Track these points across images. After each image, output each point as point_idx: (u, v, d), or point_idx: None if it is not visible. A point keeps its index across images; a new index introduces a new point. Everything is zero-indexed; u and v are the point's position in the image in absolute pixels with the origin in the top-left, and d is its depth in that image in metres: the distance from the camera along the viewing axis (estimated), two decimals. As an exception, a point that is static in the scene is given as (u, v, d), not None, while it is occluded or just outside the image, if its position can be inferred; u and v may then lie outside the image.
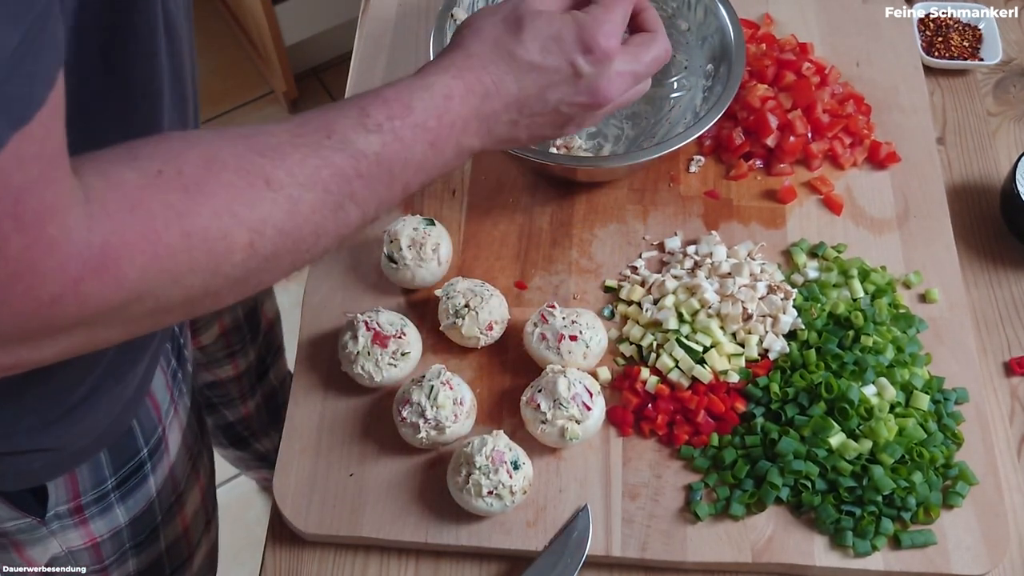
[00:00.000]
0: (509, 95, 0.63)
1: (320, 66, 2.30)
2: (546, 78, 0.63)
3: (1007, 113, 1.07)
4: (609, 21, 0.64)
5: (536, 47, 0.62)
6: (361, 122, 0.55)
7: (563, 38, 0.63)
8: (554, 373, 0.78)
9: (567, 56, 0.63)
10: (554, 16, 0.64)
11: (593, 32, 0.63)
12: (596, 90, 0.65)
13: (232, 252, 0.48)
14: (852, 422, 0.78)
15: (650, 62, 0.68)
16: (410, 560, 0.78)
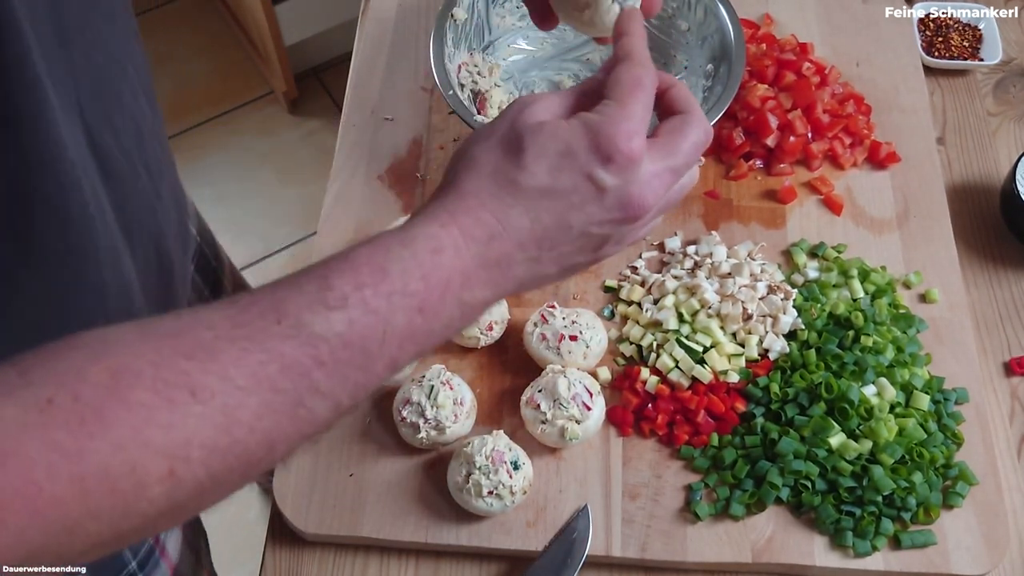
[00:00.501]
0: (521, 232, 0.51)
1: (320, 66, 2.30)
2: (563, 202, 0.51)
3: (1007, 113, 1.07)
4: (627, 118, 0.52)
5: (544, 169, 0.51)
6: (320, 297, 0.45)
7: (575, 151, 0.51)
8: (554, 373, 0.78)
9: (583, 171, 0.51)
10: (559, 126, 0.52)
11: (610, 136, 0.51)
12: (628, 202, 0.52)
13: (145, 487, 0.40)
14: (852, 422, 0.78)
15: (689, 151, 0.55)
16: (410, 560, 0.78)
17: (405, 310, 0.47)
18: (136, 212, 0.59)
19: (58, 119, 0.48)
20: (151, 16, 2.39)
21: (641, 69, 0.54)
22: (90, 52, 0.53)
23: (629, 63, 0.54)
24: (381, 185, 0.96)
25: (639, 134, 0.52)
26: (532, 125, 0.52)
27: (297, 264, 1.72)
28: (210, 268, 0.97)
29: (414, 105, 1.02)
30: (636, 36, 0.56)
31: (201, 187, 2.13)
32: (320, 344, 0.44)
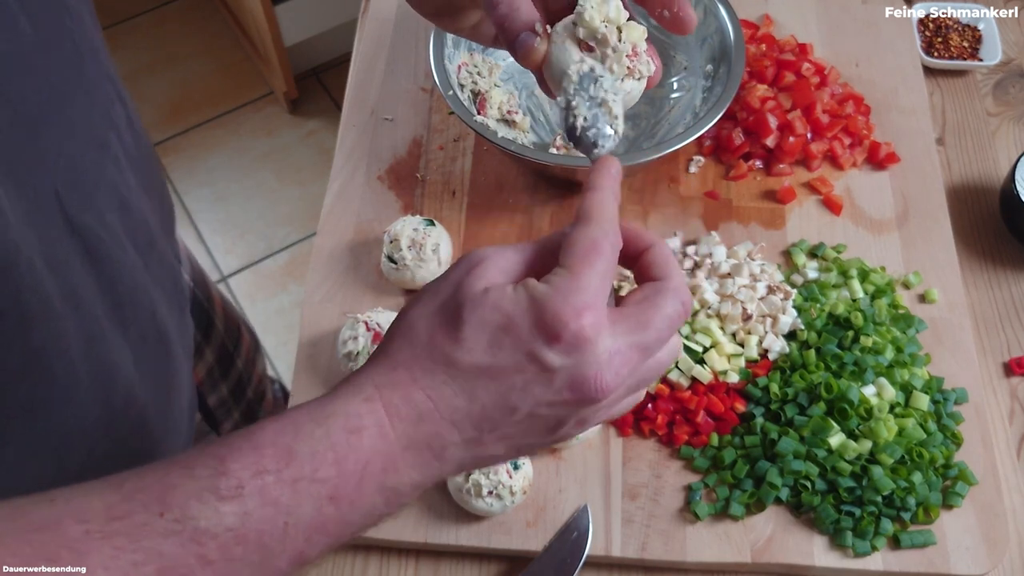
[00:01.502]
0: (456, 412, 0.45)
1: (320, 66, 2.30)
2: (504, 383, 0.45)
3: (1006, 113, 1.07)
4: (578, 290, 0.44)
5: (481, 345, 0.45)
6: (212, 485, 0.40)
7: (516, 326, 0.44)
8: (554, 373, 0.78)
9: (525, 350, 0.44)
10: (503, 295, 0.45)
11: (556, 311, 0.44)
12: (582, 384, 0.45)
13: None
14: (852, 422, 0.78)
15: (661, 325, 0.47)
16: (410, 560, 0.78)
17: (313, 499, 0.42)
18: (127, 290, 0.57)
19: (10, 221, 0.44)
20: (151, 16, 2.40)
21: (599, 232, 0.47)
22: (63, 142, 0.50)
23: (587, 225, 0.47)
24: (381, 185, 0.96)
25: (592, 309, 0.44)
26: (475, 294, 0.46)
27: (297, 264, 1.74)
28: (202, 311, 0.97)
29: (414, 105, 1.02)
30: (604, 192, 0.49)
31: (201, 187, 2.13)
32: (207, 541, 0.39)
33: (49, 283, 0.47)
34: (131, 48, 2.32)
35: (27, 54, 0.47)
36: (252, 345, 1.18)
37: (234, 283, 2.02)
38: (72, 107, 0.52)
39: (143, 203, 0.62)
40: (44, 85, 0.49)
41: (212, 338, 0.99)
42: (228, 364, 1.05)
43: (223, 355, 1.02)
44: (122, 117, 0.60)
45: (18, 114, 0.46)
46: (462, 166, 0.97)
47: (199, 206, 2.10)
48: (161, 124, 2.24)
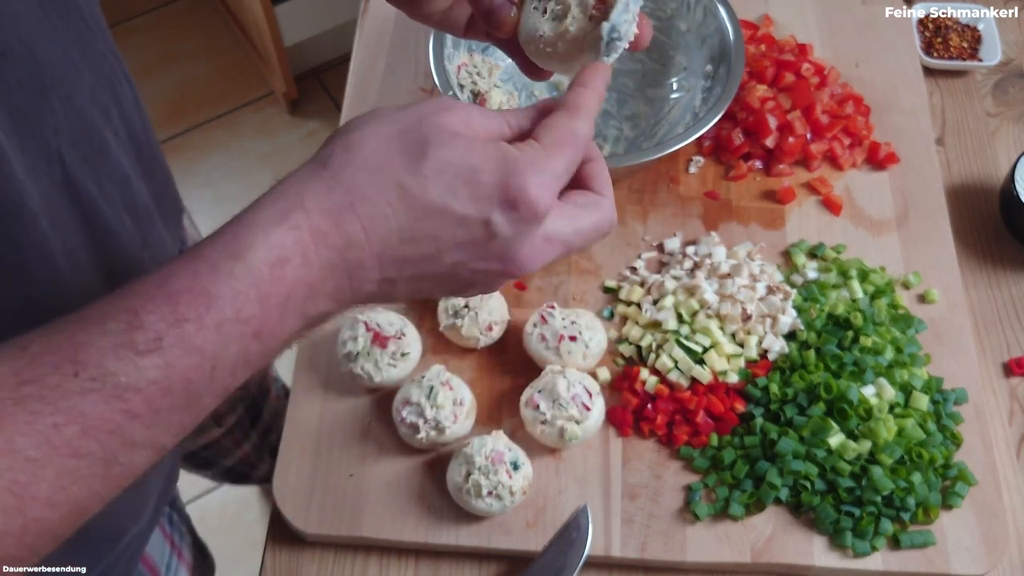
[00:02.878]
0: (387, 247, 0.43)
1: (320, 66, 2.30)
2: (445, 231, 0.43)
3: (1006, 114, 1.07)
4: (549, 170, 0.44)
5: (442, 185, 0.43)
6: (128, 340, 0.37)
7: (481, 180, 0.43)
8: (553, 374, 0.78)
9: (481, 206, 0.43)
10: (475, 144, 0.44)
11: (524, 179, 0.43)
12: (512, 258, 0.45)
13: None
14: (851, 422, 0.78)
15: (588, 232, 0.49)
16: (410, 560, 0.78)
17: (239, 339, 0.40)
18: (123, 261, 0.57)
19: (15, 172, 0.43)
20: (151, 16, 2.39)
21: (583, 125, 0.48)
22: (72, 97, 0.51)
23: (572, 114, 0.48)
24: (381, 186, 0.96)
25: (552, 190, 0.45)
26: (446, 131, 0.44)
27: (297, 264, 1.66)
28: None
29: (414, 106, 1.02)
30: (593, 91, 0.49)
31: (201, 188, 2.13)
32: (131, 396, 0.37)
33: (53, 240, 0.46)
34: (131, 48, 2.32)
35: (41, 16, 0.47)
36: None
37: (234, 283, 2.02)
38: (82, 72, 0.53)
39: (142, 185, 0.62)
40: (58, 47, 0.50)
41: None
42: None
43: None
44: (128, 96, 0.61)
45: (32, 71, 0.46)
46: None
47: (199, 206, 2.10)
48: (161, 124, 2.23)
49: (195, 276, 0.39)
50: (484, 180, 0.43)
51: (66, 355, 0.37)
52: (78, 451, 0.37)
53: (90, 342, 0.37)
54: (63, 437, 0.36)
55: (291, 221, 0.41)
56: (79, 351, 0.37)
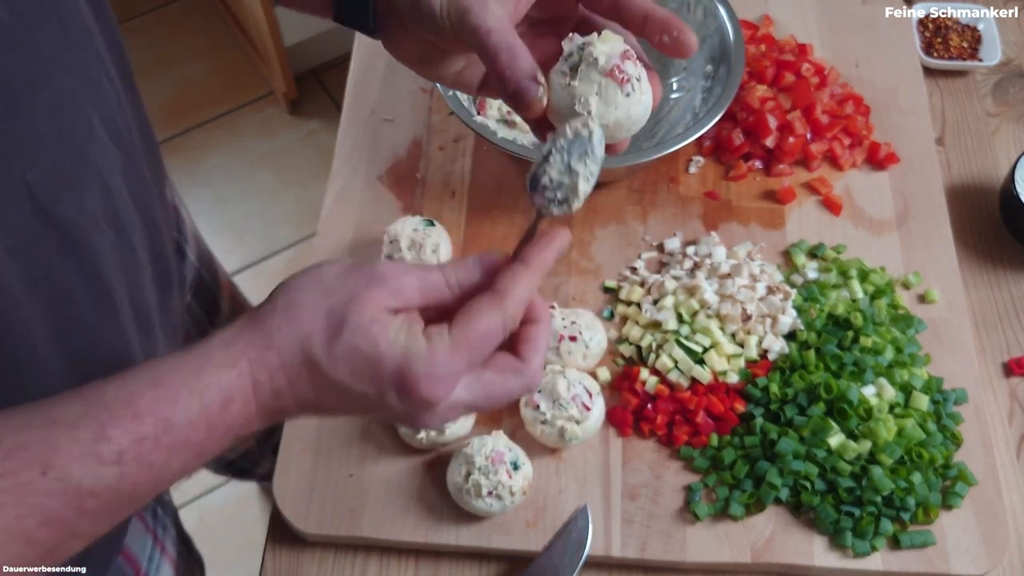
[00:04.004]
0: (305, 400, 0.49)
1: (320, 66, 2.30)
2: (351, 399, 0.49)
3: (1006, 114, 1.07)
4: (448, 370, 0.48)
5: (346, 367, 0.48)
6: (94, 450, 0.43)
7: (380, 367, 0.48)
8: (554, 374, 0.78)
9: (377, 388, 0.48)
10: (386, 329, 0.48)
11: (417, 375, 0.47)
12: (414, 419, 0.51)
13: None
14: (851, 422, 0.78)
15: (499, 397, 0.52)
16: (410, 560, 0.78)
17: (183, 457, 0.46)
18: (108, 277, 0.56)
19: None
20: (151, 16, 2.39)
21: (501, 319, 0.50)
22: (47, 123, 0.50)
23: (496, 305, 0.50)
24: (381, 185, 0.96)
25: (448, 387, 0.49)
26: (362, 318, 0.48)
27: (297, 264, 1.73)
28: (208, 293, 0.96)
29: (414, 105, 1.02)
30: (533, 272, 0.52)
31: (201, 188, 2.13)
32: (87, 498, 0.43)
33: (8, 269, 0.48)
34: (131, 48, 2.31)
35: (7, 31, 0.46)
36: None
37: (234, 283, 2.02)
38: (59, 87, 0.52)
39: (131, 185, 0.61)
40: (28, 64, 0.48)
41: (217, 321, 0.98)
42: None
43: None
44: (111, 97, 0.59)
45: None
46: (462, 166, 0.97)
47: (199, 207, 2.10)
48: (161, 124, 2.24)
49: (158, 403, 0.45)
50: (383, 371, 0.48)
51: (38, 455, 0.42)
52: (31, 539, 0.42)
53: (61, 447, 0.42)
54: (22, 527, 0.41)
55: (238, 368, 0.47)
56: (50, 454, 0.42)
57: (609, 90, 0.56)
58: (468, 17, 0.56)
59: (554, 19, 0.63)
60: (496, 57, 0.54)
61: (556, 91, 0.56)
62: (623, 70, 0.56)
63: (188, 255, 0.91)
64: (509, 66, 0.54)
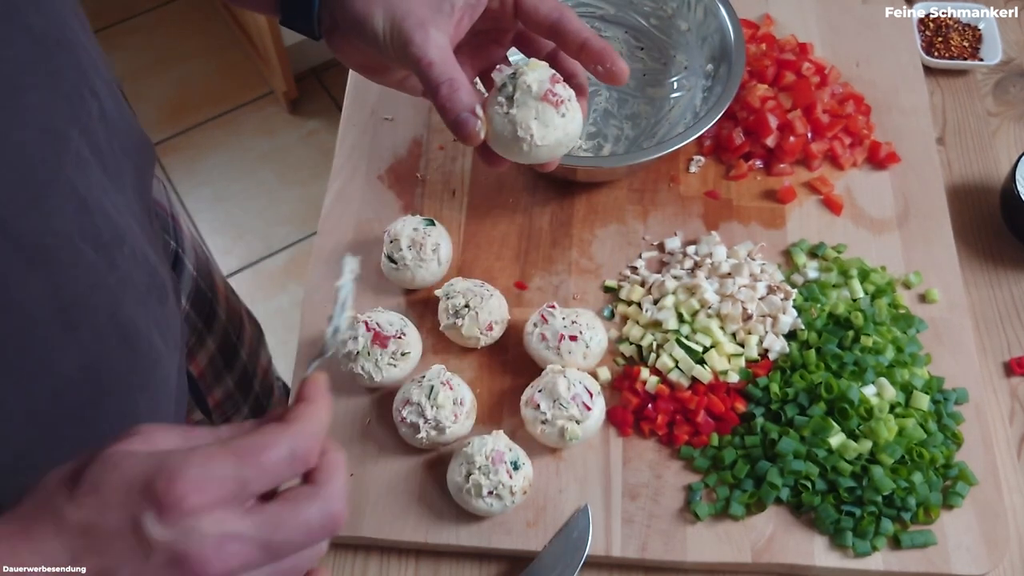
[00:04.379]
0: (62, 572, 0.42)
1: (320, 66, 2.30)
2: (106, 550, 0.40)
3: (1007, 113, 1.07)
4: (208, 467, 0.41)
5: (92, 501, 0.40)
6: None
7: (128, 484, 0.40)
8: (554, 373, 0.78)
9: (130, 512, 0.40)
10: (129, 455, 0.42)
11: (169, 477, 0.40)
12: (183, 560, 0.40)
13: None
14: (852, 422, 0.78)
15: (297, 531, 0.43)
16: (410, 560, 0.78)
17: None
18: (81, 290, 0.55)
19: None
20: (151, 16, 2.39)
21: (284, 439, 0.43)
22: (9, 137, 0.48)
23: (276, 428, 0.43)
24: (381, 185, 0.96)
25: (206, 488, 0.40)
26: (106, 452, 0.42)
27: (297, 264, 1.74)
28: (205, 300, 0.96)
29: (414, 105, 1.02)
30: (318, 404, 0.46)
31: (201, 187, 2.13)
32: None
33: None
34: (131, 48, 2.32)
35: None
36: (255, 335, 1.18)
37: (234, 283, 2.01)
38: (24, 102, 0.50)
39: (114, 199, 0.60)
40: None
41: (214, 327, 0.98)
42: (232, 354, 1.04)
43: (226, 344, 1.01)
44: (94, 110, 0.58)
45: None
46: (462, 166, 0.97)
47: (199, 206, 2.10)
48: (161, 124, 2.24)
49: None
50: (132, 483, 0.40)
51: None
52: None
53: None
54: None
55: None
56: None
57: (546, 113, 0.61)
58: (410, 48, 0.58)
59: (494, 30, 0.66)
60: (437, 90, 0.57)
61: (496, 122, 0.60)
62: (555, 93, 0.61)
63: (186, 265, 0.91)
64: (449, 99, 0.57)
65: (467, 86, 0.58)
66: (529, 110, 0.61)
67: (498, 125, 0.61)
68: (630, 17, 1.02)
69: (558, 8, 0.63)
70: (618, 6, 1.02)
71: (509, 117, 0.60)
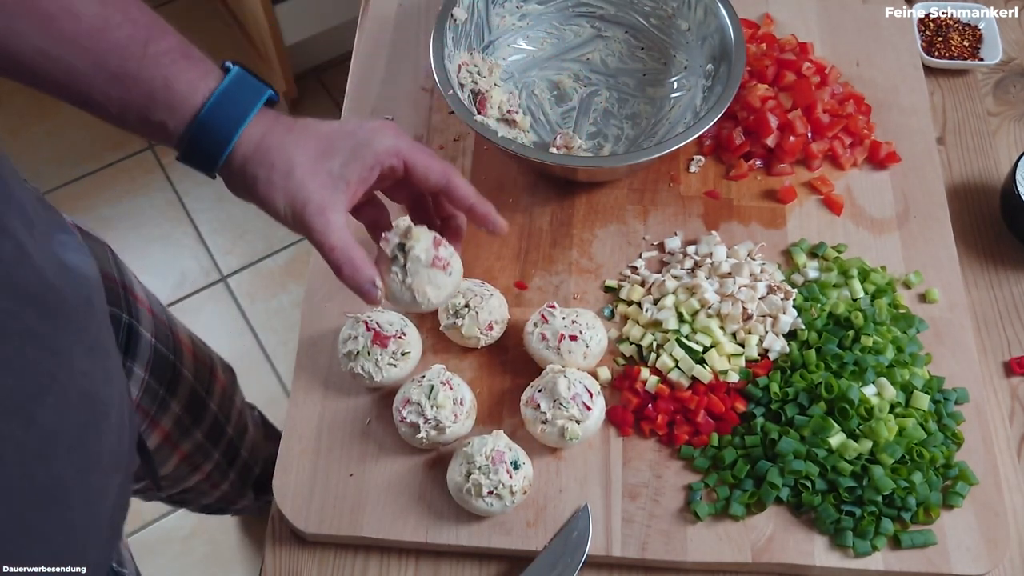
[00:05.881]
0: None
1: (320, 66, 2.30)
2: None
3: (1007, 113, 1.07)
4: None
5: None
6: None
7: None
8: (554, 373, 0.78)
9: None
10: None
11: None
12: None
13: None
14: (852, 422, 0.78)
15: None
16: (410, 560, 0.78)
17: None
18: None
19: None
20: (151, 16, 2.39)
21: None
22: None
23: None
24: (381, 185, 0.96)
25: None
26: None
27: (297, 264, 1.74)
28: (166, 365, 0.95)
29: (414, 105, 1.02)
30: None
31: (201, 187, 2.13)
32: None
33: None
34: (131, 48, 2.31)
35: None
36: (228, 382, 1.17)
37: (234, 283, 2.02)
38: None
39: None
40: None
41: (178, 390, 0.98)
42: (199, 408, 1.04)
43: (193, 401, 1.01)
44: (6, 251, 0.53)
45: None
46: (462, 166, 0.97)
47: (199, 206, 2.10)
48: (161, 124, 2.23)
49: None
50: None
51: None
52: None
53: None
54: None
55: None
56: None
57: (436, 277, 0.71)
58: (312, 235, 0.66)
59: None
60: (339, 270, 0.66)
61: (395, 289, 0.71)
62: (441, 257, 0.71)
63: (142, 335, 0.89)
64: (351, 277, 0.66)
65: (365, 262, 0.66)
66: (421, 277, 0.70)
67: (396, 291, 0.71)
68: (630, 17, 1.02)
69: (445, 175, 0.70)
70: (618, 6, 1.02)
71: (406, 285, 0.70)
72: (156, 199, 2.11)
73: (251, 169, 0.65)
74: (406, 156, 0.68)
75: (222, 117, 0.63)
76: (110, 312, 0.83)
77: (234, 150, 0.65)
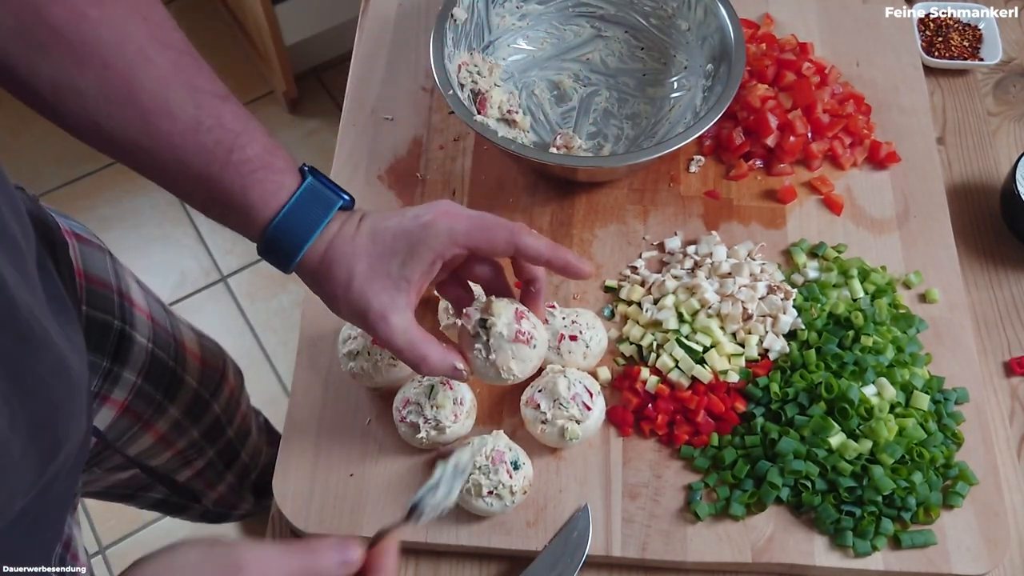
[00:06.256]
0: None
1: (320, 66, 2.30)
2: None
3: (1007, 113, 1.07)
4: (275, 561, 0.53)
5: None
6: None
7: None
8: (554, 373, 0.78)
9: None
10: None
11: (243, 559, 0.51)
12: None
13: None
14: (852, 422, 0.78)
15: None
16: (410, 560, 0.78)
17: None
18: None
19: None
20: (151, 16, 2.39)
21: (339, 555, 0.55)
22: None
23: None
24: (381, 185, 0.96)
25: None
26: None
27: (297, 264, 1.64)
28: (165, 370, 0.94)
29: (414, 105, 1.02)
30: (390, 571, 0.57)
31: (201, 187, 2.13)
32: None
33: None
34: (131, 48, 2.31)
35: None
36: (238, 385, 1.17)
37: (234, 283, 2.02)
38: None
39: None
40: None
41: (177, 396, 0.97)
42: (201, 410, 1.04)
43: (195, 405, 1.01)
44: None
45: None
46: (462, 165, 0.97)
47: (199, 206, 2.10)
48: (161, 124, 2.23)
49: None
50: None
51: None
52: None
53: None
54: None
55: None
56: None
57: (520, 351, 0.70)
58: (377, 340, 0.67)
59: None
60: (417, 368, 0.67)
61: (478, 366, 0.71)
62: (524, 331, 0.70)
63: (136, 340, 0.89)
64: (431, 371, 0.67)
65: (437, 355, 0.67)
66: (505, 353, 0.70)
67: (481, 368, 0.71)
68: (630, 17, 1.02)
69: (510, 242, 0.67)
70: (618, 6, 1.02)
71: (490, 361, 0.70)
72: (156, 199, 2.11)
73: (318, 282, 0.68)
74: (464, 242, 0.67)
75: (289, 233, 0.67)
76: (100, 319, 0.83)
77: (302, 262, 0.68)
